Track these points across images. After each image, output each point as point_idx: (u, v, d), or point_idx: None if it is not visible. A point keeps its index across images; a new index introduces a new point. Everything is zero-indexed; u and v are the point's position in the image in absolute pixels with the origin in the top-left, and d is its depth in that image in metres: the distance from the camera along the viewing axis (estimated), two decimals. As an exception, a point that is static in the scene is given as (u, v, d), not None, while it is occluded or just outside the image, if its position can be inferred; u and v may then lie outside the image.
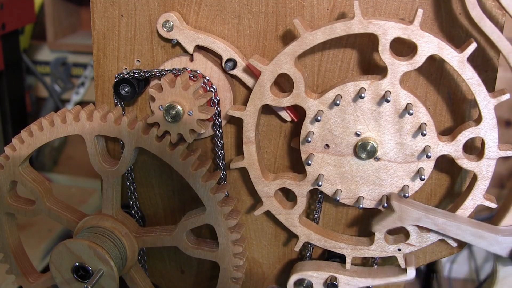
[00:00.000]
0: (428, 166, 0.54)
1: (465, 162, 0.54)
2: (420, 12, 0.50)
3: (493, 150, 0.53)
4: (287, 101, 0.55)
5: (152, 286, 0.65)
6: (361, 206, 0.56)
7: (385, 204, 0.56)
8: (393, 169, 0.55)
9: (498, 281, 0.57)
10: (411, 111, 0.52)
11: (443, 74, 0.56)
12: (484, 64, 0.55)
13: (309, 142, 0.55)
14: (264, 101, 0.55)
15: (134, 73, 0.60)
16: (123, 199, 0.64)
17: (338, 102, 0.53)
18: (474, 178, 0.55)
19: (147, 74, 0.59)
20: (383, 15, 0.55)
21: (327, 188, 0.57)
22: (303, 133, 0.56)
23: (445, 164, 0.59)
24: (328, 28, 0.51)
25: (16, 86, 1.14)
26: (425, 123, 0.53)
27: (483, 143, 0.53)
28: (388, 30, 0.50)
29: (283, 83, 0.58)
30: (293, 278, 0.62)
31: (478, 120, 0.52)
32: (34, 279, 0.65)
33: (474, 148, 0.57)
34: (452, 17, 0.54)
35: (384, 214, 0.56)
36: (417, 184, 0.55)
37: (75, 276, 0.58)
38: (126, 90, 0.60)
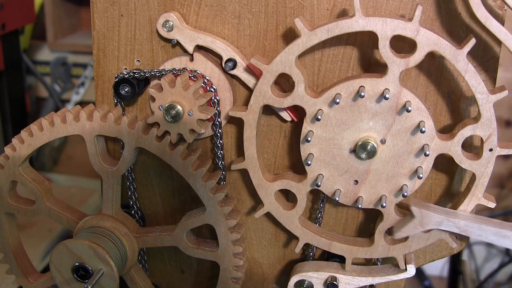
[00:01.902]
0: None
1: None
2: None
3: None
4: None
5: (152, 286, 0.65)
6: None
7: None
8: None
9: None
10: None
11: (443, 74, 0.56)
12: (484, 64, 0.55)
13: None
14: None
15: (134, 73, 0.60)
16: (123, 199, 0.64)
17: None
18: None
19: (147, 74, 0.59)
20: (383, 15, 0.54)
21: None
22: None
23: (444, 163, 0.59)
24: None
25: (16, 86, 1.14)
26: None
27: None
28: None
29: (283, 83, 0.58)
30: (293, 280, 0.62)
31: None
32: (34, 279, 0.65)
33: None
34: (452, 17, 0.54)
35: (405, 220, 0.56)
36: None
37: (75, 276, 0.58)
38: (126, 90, 0.60)
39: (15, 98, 1.14)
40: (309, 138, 0.55)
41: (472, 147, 0.57)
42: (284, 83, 0.58)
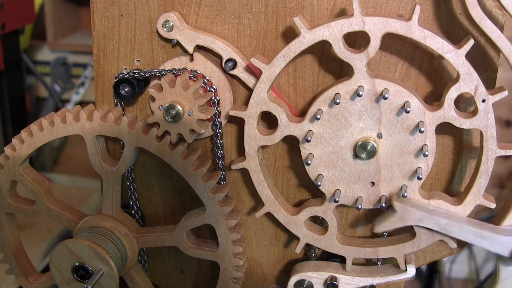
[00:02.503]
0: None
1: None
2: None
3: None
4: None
5: (152, 286, 0.65)
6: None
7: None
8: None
9: (500, 281, 0.57)
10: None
11: (443, 75, 0.56)
12: (484, 64, 0.55)
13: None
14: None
15: (134, 73, 0.60)
16: (123, 199, 0.64)
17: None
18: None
19: (147, 74, 0.59)
20: (383, 15, 0.54)
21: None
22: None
23: (445, 163, 0.59)
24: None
25: (16, 86, 1.15)
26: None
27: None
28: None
29: (284, 83, 0.58)
30: (293, 279, 0.62)
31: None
32: (34, 279, 0.65)
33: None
34: (452, 17, 0.54)
35: (385, 215, 0.56)
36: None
37: (75, 276, 0.58)
38: (126, 90, 0.60)
39: (15, 98, 1.14)
40: (309, 161, 0.55)
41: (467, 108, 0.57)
42: (284, 83, 0.58)
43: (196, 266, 0.69)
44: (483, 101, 0.52)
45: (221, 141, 0.61)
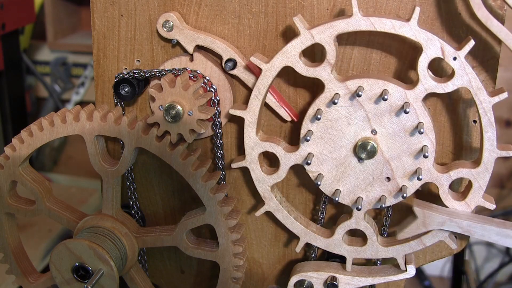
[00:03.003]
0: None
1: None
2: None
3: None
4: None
5: (152, 286, 0.65)
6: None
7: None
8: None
9: None
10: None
11: (443, 75, 0.56)
12: (484, 64, 0.55)
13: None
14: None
15: (134, 73, 0.60)
16: (123, 199, 0.64)
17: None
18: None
19: (147, 74, 0.59)
20: (383, 15, 0.54)
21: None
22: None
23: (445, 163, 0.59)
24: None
25: (16, 86, 1.15)
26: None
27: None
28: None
29: (284, 82, 0.59)
30: (293, 280, 0.62)
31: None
32: (34, 279, 0.65)
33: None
34: (452, 17, 0.54)
35: (407, 221, 0.56)
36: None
37: (75, 276, 0.58)
38: (126, 90, 0.60)
39: (15, 98, 1.14)
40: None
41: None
42: (284, 83, 0.58)
43: (196, 266, 0.70)
44: (454, 59, 0.51)
45: (221, 141, 0.61)
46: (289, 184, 0.63)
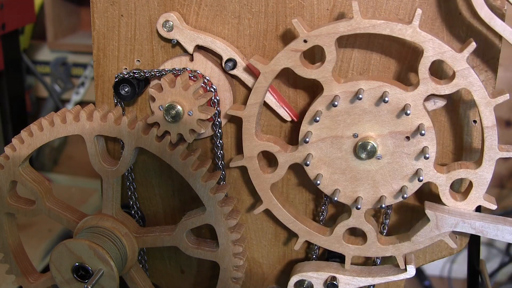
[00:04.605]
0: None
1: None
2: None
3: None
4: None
5: (152, 286, 0.65)
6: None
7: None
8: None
9: None
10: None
11: (443, 76, 0.56)
12: (484, 64, 0.55)
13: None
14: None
15: (134, 73, 0.60)
16: (123, 199, 0.64)
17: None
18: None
19: (147, 74, 0.59)
20: (383, 15, 0.55)
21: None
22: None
23: (445, 163, 0.59)
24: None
25: (16, 86, 1.14)
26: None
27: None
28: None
29: (284, 82, 0.59)
30: (293, 280, 0.62)
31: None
32: (34, 279, 0.65)
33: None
34: (452, 17, 0.54)
35: (420, 224, 0.56)
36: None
37: (75, 276, 0.58)
38: (126, 90, 0.60)
39: (15, 98, 1.14)
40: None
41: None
42: (284, 82, 0.58)
43: (196, 266, 0.69)
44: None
45: (221, 141, 0.61)
46: (289, 184, 0.63)
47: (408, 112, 0.52)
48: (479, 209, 0.58)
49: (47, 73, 1.48)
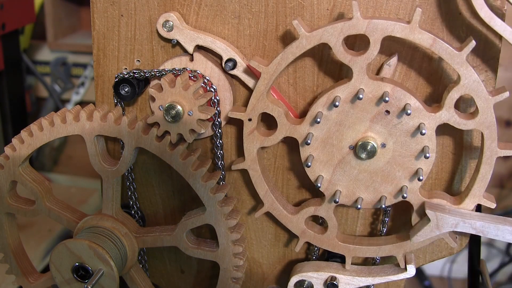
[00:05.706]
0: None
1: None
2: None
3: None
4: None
5: (152, 286, 0.65)
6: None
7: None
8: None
9: None
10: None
11: (443, 75, 0.56)
12: (484, 64, 0.55)
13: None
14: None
15: (134, 73, 0.60)
16: (123, 199, 0.64)
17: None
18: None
19: (147, 74, 0.59)
20: (383, 15, 0.55)
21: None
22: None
23: (445, 163, 0.59)
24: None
25: (16, 86, 1.14)
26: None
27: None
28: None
29: (284, 82, 0.58)
30: (293, 280, 0.62)
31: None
32: (34, 279, 0.65)
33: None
34: (452, 17, 0.54)
35: (420, 224, 0.56)
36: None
37: (75, 276, 0.58)
38: (126, 90, 0.60)
39: (15, 98, 1.14)
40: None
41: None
42: (284, 83, 0.58)
43: (196, 266, 0.70)
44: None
45: (220, 141, 0.61)
46: (289, 185, 0.63)
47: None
48: (479, 209, 0.58)
49: (47, 73, 1.48)
